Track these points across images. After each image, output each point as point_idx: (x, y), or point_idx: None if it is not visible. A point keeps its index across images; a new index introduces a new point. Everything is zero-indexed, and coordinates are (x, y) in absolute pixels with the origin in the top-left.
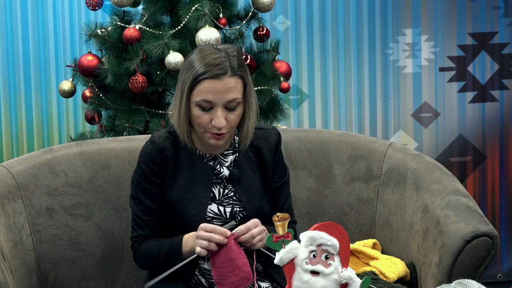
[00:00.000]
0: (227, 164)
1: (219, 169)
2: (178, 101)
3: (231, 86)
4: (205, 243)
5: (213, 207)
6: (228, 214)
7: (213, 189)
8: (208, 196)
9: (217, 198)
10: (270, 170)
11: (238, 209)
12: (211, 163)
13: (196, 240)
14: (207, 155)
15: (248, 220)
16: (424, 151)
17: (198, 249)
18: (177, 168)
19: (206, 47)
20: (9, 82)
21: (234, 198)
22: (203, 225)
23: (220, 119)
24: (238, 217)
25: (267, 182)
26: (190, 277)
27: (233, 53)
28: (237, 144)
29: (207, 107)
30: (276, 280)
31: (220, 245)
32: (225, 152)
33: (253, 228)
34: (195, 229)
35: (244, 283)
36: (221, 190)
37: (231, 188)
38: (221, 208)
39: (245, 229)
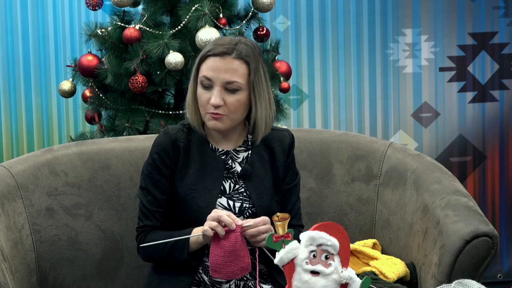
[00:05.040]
0: (239, 160)
1: (231, 164)
2: (191, 82)
3: (232, 68)
4: (214, 223)
5: (223, 200)
6: (237, 209)
7: (223, 182)
8: (218, 189)
9: (227, 192)
10: (282, 171)
11: (247, 205)
12: (223, 157)
13: (206, 222)
14: (220, 150)
15: (256, 217)
16: (424, 151)
17: (206, 227)
18: (188, 160)
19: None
20: (9, 82)
21: (245, 194)
22: (215, 210)
23: (215, 97)
24: (247, 213)
25: (277, 182)
26: (194, 272)
27: (246, 42)
28: (249, 142)
29: (207, 84)
30: (279, 282)
31: (225, 235)
32: (238, 148)
33: (261, 225)
34: (204, 221)
35: (243, 273)
36: (232, 185)
37: (242, 184)
38: (231, 202)
39: (253, 224)
